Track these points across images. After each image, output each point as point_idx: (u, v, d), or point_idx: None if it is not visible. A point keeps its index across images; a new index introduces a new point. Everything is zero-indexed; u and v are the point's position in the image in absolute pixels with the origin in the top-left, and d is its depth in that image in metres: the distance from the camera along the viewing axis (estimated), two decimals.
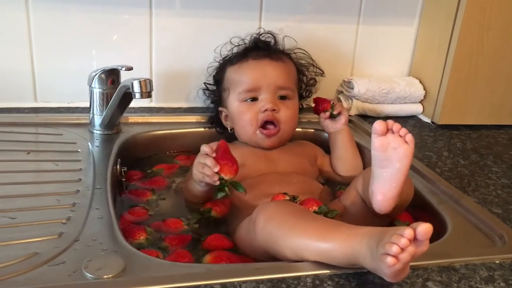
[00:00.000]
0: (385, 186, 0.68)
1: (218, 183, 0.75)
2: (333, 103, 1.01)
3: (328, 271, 0.59)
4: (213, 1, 1.13)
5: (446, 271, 0.62)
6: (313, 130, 1.12)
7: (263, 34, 1.04)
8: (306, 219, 0.64)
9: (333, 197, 0.89)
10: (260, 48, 1.00)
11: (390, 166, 0.67)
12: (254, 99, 0.94)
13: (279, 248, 0.62)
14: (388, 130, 0.68)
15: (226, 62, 1.02)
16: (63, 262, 0.58)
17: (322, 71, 1.11)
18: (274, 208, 0.67)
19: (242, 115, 0.94)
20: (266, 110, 0.92)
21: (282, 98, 0.95)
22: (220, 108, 1.02)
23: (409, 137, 0.67)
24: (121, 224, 0.75)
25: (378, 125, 0.67)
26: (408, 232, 0.51)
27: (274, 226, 0.63)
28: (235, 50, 1.04)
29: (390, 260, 0.51)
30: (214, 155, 0.76)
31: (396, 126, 0.68)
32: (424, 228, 0.51)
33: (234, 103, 0.96)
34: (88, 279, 0.55)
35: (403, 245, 0.51)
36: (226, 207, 0.85)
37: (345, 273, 0.59)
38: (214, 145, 0.79)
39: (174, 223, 0.80)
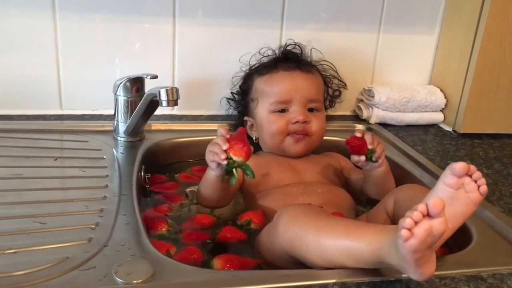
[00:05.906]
0: None
1: (225, 162, 0.75)
2: (371, 148, 0.85)
3: (355, 279, 0.59)
4: (235, 10, 1.14)
5: (473, 280, 0.61)
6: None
7: (291, 46, 1.04)
8: (331, 218, 0.64)
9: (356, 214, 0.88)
10: (290, 60, 1.01)
11: (454, 206, 0.61)
12: (283, 110, 0.94)
13: (303, 246, 0.62)
14: (466, 174, 0.61)
15: (254, 72, 1.02)
16: (94, 267, 0.59)
17: (345, 83, 1.11)
18: (296, 209, 0.67)
19: (271, 125, 0.94)
20: (297, 122, 0.92)
21: (310, 110, 0.95)
22: (245, 118, 1.02)
23: (484, 189, 0.62)
24: (144, 217, 0.76)
25: (458, 167, 0.60)
26: (420, 205, 0.52)
27: (298, 227, 0.63)
28: (262, 60, 1.04)
29: (403, 232, 0.51)
30: (227, 136, 0.77)
31: (477, 174, 0.62)
32: (434, 201, 0.51)
33: (263, 113, 0.95)
34: (119, 284, 0.56)
35: (416, 217, 0.51)
36: (264, 217, 0.83)
37: (372, 281, 0.59)
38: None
39: (204, 219, 0.81)
